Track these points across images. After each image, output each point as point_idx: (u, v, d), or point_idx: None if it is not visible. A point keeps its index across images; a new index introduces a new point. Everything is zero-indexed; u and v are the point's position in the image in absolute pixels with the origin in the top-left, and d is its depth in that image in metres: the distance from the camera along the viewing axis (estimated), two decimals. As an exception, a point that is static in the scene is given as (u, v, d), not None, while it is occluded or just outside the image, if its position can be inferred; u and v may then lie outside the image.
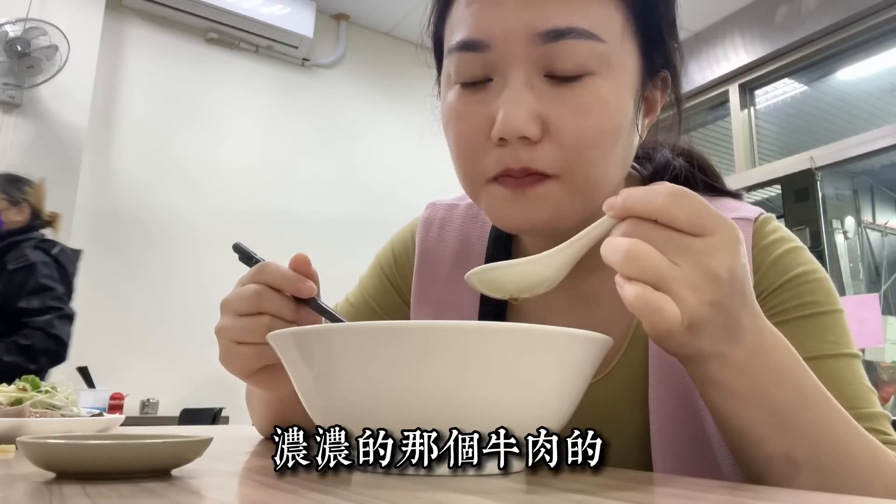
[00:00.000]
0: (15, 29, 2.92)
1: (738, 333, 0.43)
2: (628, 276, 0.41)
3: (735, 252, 0.42)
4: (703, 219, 0.41)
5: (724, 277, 0.41)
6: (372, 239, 1.37)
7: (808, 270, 0.58)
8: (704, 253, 0.41)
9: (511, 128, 0.51)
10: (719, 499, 0.35)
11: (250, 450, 0.66)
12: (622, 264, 0.41)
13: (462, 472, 0.41)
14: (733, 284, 0.42)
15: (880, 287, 3.53)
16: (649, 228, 0.41)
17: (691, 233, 0.41)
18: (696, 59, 3.85)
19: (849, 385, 0.54)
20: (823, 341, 0.55)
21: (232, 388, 3.45)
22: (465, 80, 0.56)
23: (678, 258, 0.41)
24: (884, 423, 0.54)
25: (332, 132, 3.98)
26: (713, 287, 0.41)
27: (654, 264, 0.40)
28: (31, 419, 0.68)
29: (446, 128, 0.59)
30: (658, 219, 0.41)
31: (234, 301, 0.54)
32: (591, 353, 0.43)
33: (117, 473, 0.41)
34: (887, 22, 3.17)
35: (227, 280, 0.51)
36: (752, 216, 0.62)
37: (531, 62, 0.52)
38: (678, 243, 0.41)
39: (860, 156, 3.20)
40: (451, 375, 0.38)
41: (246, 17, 3.65)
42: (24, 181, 2.39)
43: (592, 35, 0.51)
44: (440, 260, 0.73)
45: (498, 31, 0.52)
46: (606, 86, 0.52)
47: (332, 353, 0.40)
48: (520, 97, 0.52)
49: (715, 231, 0.41)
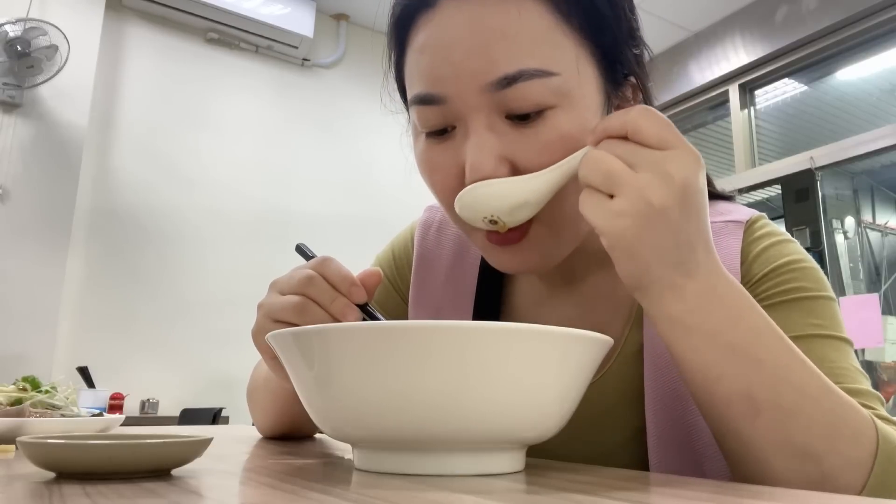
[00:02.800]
0: (15, 29, 2.92)
1: (693, 265, 0.45)
2: (585, 182, 0.46)
3: (693, 167, 0.44)
4: (667, 133, 0.45)
5: (676, 182, 0.43)
6: (372, 239, 1.37)
7: (795, 259, 0.58)
8: (662, 161, 0.44)
9: (479, 175, 0.52)
10: (718, 499, 0.35)
11: (250, 450, 0.66)
12: (581, 173, 0.46)
13: (462, 472, 0.41)
14: (685, 196, 0.44)
15: (880, 287, 3.53)
16: (617, 143, 0.45)
17: (656, 146, 0.44)
18: (696, 59, 3.85)
19: (834, 364, 0.52)
20: (808, 323, 0.54)
21: (232, 388, 3.46)
22: (429, 129, 0.56)
23: (639, 166, 0.44)
24: (873, 401, 0.52)
25: (332, 132, 3.98)
26: (665, 188, 0.43)
27: (605, 167, 0.44)
28: (31, 419, 0.68)
29: (422, 176, 0.59)
30: (627, 133, 0.45)
31: (283, 281, 0.54)
32: (591, 354, 0.43)
33: (117, 473, 0.41)
34: (887, 22, 3.17)
35: (227, 280, 0.51)
36: (744, 219, 0.62)
37: (489, 107, 0.52)
38: (640, 154, 0.44)
39: (860, 156, 3.19)
40: (451, 376, 0.38)
41: (246, 17, 3.65)
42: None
43: (544, 72, 0.51)
44: (437, 262, 0.74)
45: (451, 85, 0.52)
46: (567, 117, 0.52)
47: (331, 352, 0.40)
48: (483, 144, 0.52)
49: (677, 146, 0.44)
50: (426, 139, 0.57)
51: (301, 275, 0.52)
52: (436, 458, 0.41)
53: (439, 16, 0.53)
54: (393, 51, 0.60)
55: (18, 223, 2.93)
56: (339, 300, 0.52)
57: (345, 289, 0.52)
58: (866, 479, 0.45)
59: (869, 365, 3.03)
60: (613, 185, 0.44)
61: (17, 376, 0.81)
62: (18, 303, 2.87)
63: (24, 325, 2.87)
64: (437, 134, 0.56)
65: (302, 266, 0.55)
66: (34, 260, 2.94)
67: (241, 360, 1.59)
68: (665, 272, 0.44)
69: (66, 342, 3.05)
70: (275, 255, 0.69)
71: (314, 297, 0.52)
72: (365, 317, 0.53)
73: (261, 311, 0.54)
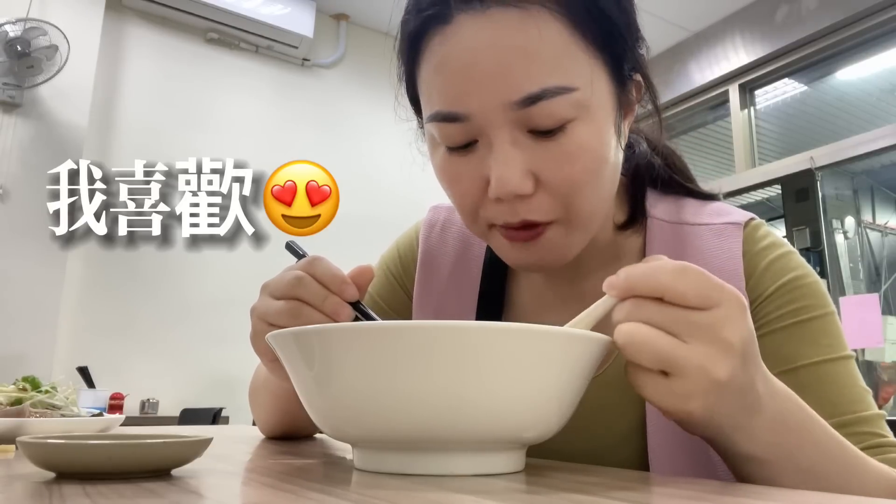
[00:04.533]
0: (15, 29, 2.92)
1: (757, 402, 0.43)
2: (632, 360, 0.41)
3: (743, 319, 0.41)
4: (709, 291, 0.40)
5: (737, 348, 0.40)
6: (372, 238, 1.37)
7: (800, 275, 0.60)
8: (715, 327, 0.40)
9: (506, 190, 0.52)
10: (719, 499, 0.35)
11: (250, 450, 0.66)
12: (626, 351, 0.41)
13: (462, 472, 0.41)
14: (746, 352, 0.41)
15: (880, 287, 3.52)
16: (655, 309, 0.40)
17: (698, 307, 0.40)
18: (696, 59, 3.85)
19: (846, 389, 0.55)
20: (819, 345, 0.57)
21: (232, 388, 3.46)
22: (450, 145, 0.56)
23: (689, 336, 0.40)
24: (881, 425, 0.55)
25: (332, 132, 3.98)
26: (729, 359, 0.40)
27: (655, 348, 0.40)
28: (31, 419, 0.68)
29: (442, 185, 0.60)
30: (664, 296, 0.40)
31: (273, 283, 0.54)
32: (592, 353, 0.43)
33: (117, 473, 0.40)
34: (887, 22, 3.17)
35: (227, 280, 0.51)
36: (742, 220, 0.63)
37: (512, 123, 0.52)
38: (688, 321, 0.40)
39: (860, 156, 3.19)
40: (452, 376, 0.38)
41: (246, 17, 3.65)
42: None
43: (566, 89, 0.51)
44: (441, 261, 0.74)
45: (473, 103, 0.52)
46: (588, 129, 0.53)
47: (331, 352, 0.40)
48: (508, 158, 0.52)
49: (721, 302, 0.40)
50: (447, 151, 0.57)
51: (291, 276, 0.52)
52: (436, 458, 0.41)
53: (456, 33, 0.53)
54: (405, 64, 0.60)
55: (18, 223, 2.93)
56: (330, 299, 0.52)
57: (336, 287, 0.52)
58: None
59: (869, 365, 3.03)
60: (669, 365, 0.40)
61: (17, 376, 0.81)
62: (18, 303, 2.87)
63: (24, 325, 2.86)
64: (458, 148, 0.56)
65: (292, 267, 0.54)
66: (34, 260, 2.94)
67: (241, 360, 1.59)
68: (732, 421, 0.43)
69: (66, 342, 3.05)
70: (274, 254, 0.69)
71: (306, 299, 0.52)
72: (358, 315, 0.53)
73: (254, 315, 0.54)
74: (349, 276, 0.53)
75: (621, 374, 0.61)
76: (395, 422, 0.40)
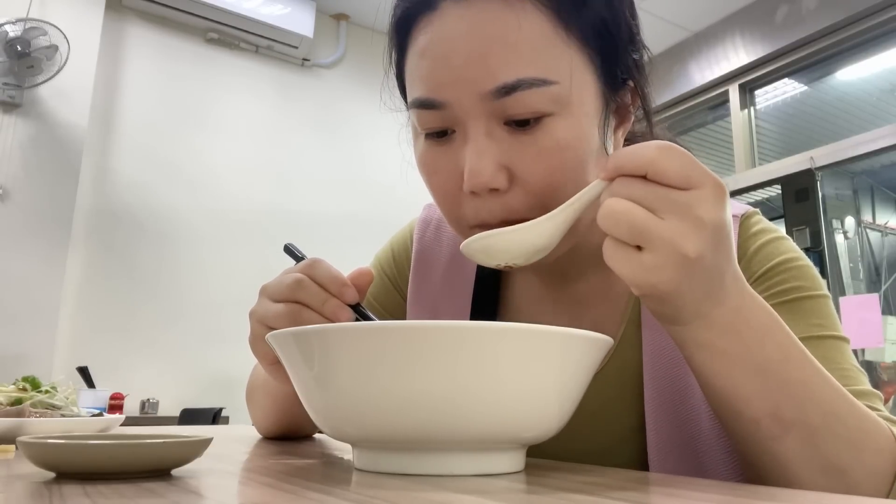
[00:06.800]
0: (15, 29, 2.92)
1: (722, 293, 0.44)
2: (609, 233, 0.42)
3: (721, 204, 0.42)
4: (690, 171, 0.41)
5: (708, 226, 0.41)
6: (372, 238, 1.37)
7: (791, 258, 0.59)
8: (691, 205, 0.41)
9: (478, 182, 0.52)
10: (718, 499, 0.35)
11: (250, 450, 0.66)
12: (604, 224, 0.42)
13: (462, 472, 0.41)
14: (718, 237, 0.42)
15: (880, 287, 3.52)
16: (638, 185, 0.42)
17: (679, 186, 0.41)
18: (696, 59, 3.85)
19: (837, 365, 0.54)
20: (809, 324, 0.56)
21: (232, 388, 3.46)
22: (428, 131, 0.56)
23: (666, 212, 0.41)
24: (875, 401, 0.53)
25: (332, 132, 3.98)
26: (699, 236, 0.41)
27: (630, 219, 0.41)
28: (31, 419, 0.68)
29: (422, 176, 0.59)
30: (647, 174, 0.41)
31: (272, 286, 0.54)
32: (591, 353, 0.43)
33: (117, 473, 0.41)
34: (887, 22, 3.17)
35: (228, 280, 0.51)
36: (739, 213, 0.63)
37: (488, 114, 0.52)
38: (666, 197, 0.41)
39: (860, 156, 3.19)
40: (451, 376, 0.38)
41: (246, 17, 3.65)
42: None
43: (543, 81, 0.51)
44: (435, 260, 0.74)
45: (450, 91, 0.52)
46: (565, 124, 0.52)
47: (331, 352, 0.40)
48: (481, 150, 0.52)
49: (702, 184, 0.41)
50: (426, 140, 0.57)
51: (290, 279, 0.52)
52: (436, 458, 0.41)
53: (440, 19, 0.53)
54: (394, 51, 0.60)
55: (18, 223, 2.93)
56: (330, 301, 0.52)
57: (335, 290, 0.52)
58: (889, 488, 0.46)
59: (869, 365, 3.02)
60: (641, 237, 0.41)
61: (17, 376, 0.81)
62: (18, 303, 2.87)
63: (24, 325, 2.86)
64: (437, 136, 0.56)
65: (291, 269, 0.54)
66: (34, 260, 2.94)
67: (241, 360, 1.59)
68: (696, 306, 0.44)
69: (66, 342, 3.05)
70: (274, 254, 0.69)
71: (305, 301, 0.52)
72: (358, 317, 0.53)
73: (253, 318, 0.54)
74: (349, 279, 0.54)
75: (621, 375, 0.62)
76: (394, 422, 0.40)
